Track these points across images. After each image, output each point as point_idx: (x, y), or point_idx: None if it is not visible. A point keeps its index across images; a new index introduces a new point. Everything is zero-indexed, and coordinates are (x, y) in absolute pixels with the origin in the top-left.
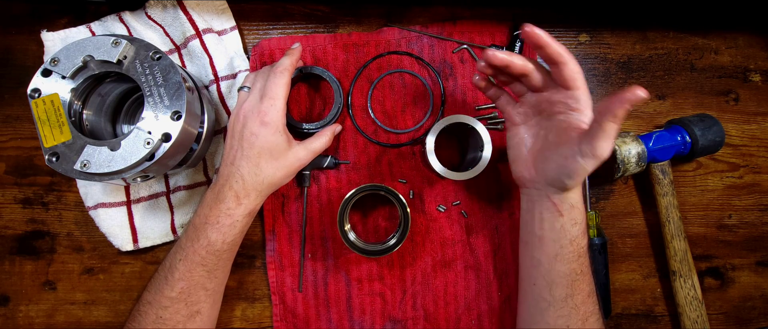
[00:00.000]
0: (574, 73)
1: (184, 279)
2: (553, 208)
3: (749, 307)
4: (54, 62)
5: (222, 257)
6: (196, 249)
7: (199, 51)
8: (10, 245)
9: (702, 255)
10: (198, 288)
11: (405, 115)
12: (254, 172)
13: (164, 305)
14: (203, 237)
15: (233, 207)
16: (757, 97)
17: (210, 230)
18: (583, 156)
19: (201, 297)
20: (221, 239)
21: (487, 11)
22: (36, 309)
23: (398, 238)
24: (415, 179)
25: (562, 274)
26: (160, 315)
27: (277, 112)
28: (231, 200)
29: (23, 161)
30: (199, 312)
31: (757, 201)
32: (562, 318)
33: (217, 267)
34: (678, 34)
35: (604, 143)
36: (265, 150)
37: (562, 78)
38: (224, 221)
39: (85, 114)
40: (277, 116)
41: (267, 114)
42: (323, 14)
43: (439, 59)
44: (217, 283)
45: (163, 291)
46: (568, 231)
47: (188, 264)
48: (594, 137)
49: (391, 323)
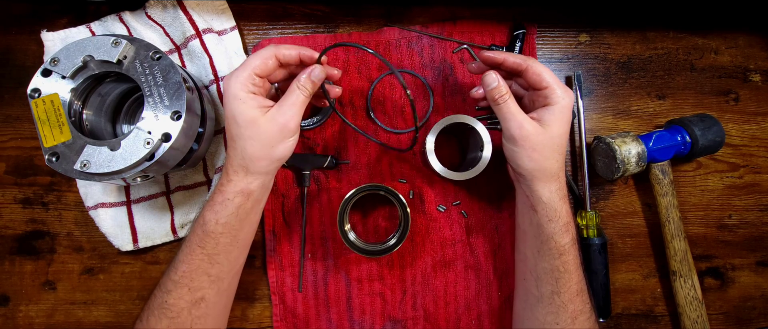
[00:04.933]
0: (536, 74)
1: (185, 261)
2: (527, 202)
3: (749, 307)
4: (54, 62)
5: (219, 241)
6: (194, 229)
7: (199, 51)
8: (10, 246)
9: (702, 255)
10: (200, 273)
11: (405, 115)
12: (232, 147)
13: (168, 288)
14: (200, 217)
15: (224, 183)
16: (757, 97)
17: (205, 209)
18: (507, 141)
19: (204, 283)
20: (214, 219)
21: (487, 11)
22: (36, 309)
23: (398, 238)
24: (415, 179)
25: (545, 270)
26: (164, 299)
27: (236, 80)
28: (223, 177)
29: (23, 161)
30: (203, 299)
31: (757, 201)
32: (551, 315)
33: (217, 252)
34: (678, 34)
35: (505, 125)
36: (233, 122)
37: (530, 82)
38: (216, 199)
39: (85, 114)
40: (235, 85)
41: (226, 88)
42: (323, 14)
43: (439, 59)
44: (219, 270)
45: (168, 274)
46: (544, 228)
47: (189, 246)
48: (501, 123)
49: (391, 323)
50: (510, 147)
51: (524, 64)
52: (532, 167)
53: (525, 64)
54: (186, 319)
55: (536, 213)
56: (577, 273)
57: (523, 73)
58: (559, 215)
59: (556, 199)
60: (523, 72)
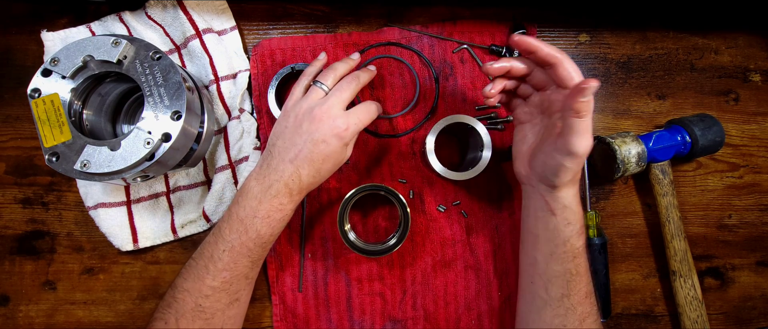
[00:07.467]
0: (568, 72)
1: (228, 269)
2: (545, 207)
3: (749, 307)
4: (54, 62)
5: (267, 247)
6: (244, 241)
7: (199, 51)
8: (10, 246)
9: (702, 255)
10: (241, 278)
11: (405, 115)
12: (313, 175)
13: (205, 293)
14: (252, 231)
15: (286, 203)
16: (757, 97)
17: (260, 224)
18: (559, 152)
19: (242, 285)
20: (270, 232)
21: (487, 11)
22: (36, 309)
23: (398, 238)
24: (415, 179)
25: (557, 273)
26: (199, 303)
27: (356, 133)
28: (284, 196)
29: (23, 161)
30: (238, 300)
31: (757, 201)
32: (559, 318)
33: (261, 257)
34: (678, 34)
35: (574, 139)
36: (330, 159)
37: (558, 78)
38: (275, 216)
39: (85, 114)
40: (354, 136)
41: (348, 130)
42: (323, 14)
43: (439, 59)
44: (257, 270)
45: (204, 280)
46: (561, 232)
47: (234, 255)
48: (564, 133)
49: (391, 323)
50: (560, 159)
51: (558, 58)
52: (569, 177)
53: (559, 57)
54: (220, 319)
55: (555, 217)
56: (587, 275)
57: (553, 67)
58: (577, 218)
59: (575, 202)
60: (554, 66)
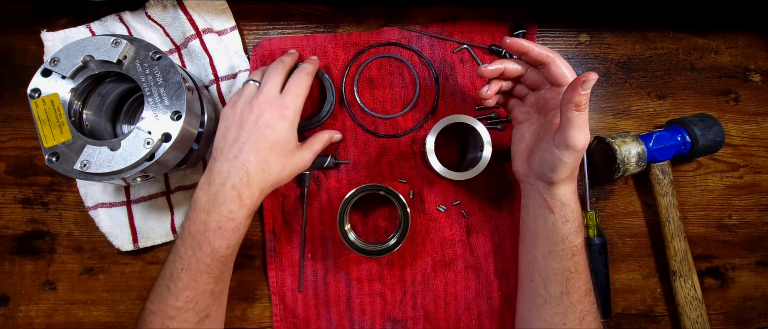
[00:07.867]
0: (560, 69)
1: (189, 288)
2: (543, 204)
3: (749, 307)
4: (54, 62)
5: (227, 261)
6: (199, 257)
7: (199, 51)
8: (10, 246)
9: (702, 255)
10: (205, 295)
11: (405, 115)
12: (261, 167)
13: (171, 315)
14: (206, 246)
15: (235, 209)
16: (757, 97)
17: (212, 237)
18: (557, 147)
19: (209, 302)
20: (225, 245)
21: (487, 11)
22: (36, 309)
23: (398, 238)
24: (415, 179)
25: (556, 271)
26: (166, 325)
27: (298, 108)
28: (232, 202)
29: (23, 161)
30: (208, 316)
31: (757, 201)
32: (558, 316)
33: (223, 271)
34: (678, 34)
35: (572, 133)
36: (278, 145)
37: (551, 76)
38: (226, 227)
39: (85, 114)
40: (297, 113)
41: (288, 108)
42: (323, 14)
43: (439, 59)
44: (223, 285)
45: (166, 300)
46: (560, 229)
47: (192, 273)
48: (563, 128)
49: (391, 323)
50: (558, 154)
51: (550, 57)
52: (567, 173)
53: (551, 56)
54: None
55: (553, 214)
56: (586, 273)
57: (546, 66)
58: (575, 216)
59: (572, 200)
60: (546, 65)
